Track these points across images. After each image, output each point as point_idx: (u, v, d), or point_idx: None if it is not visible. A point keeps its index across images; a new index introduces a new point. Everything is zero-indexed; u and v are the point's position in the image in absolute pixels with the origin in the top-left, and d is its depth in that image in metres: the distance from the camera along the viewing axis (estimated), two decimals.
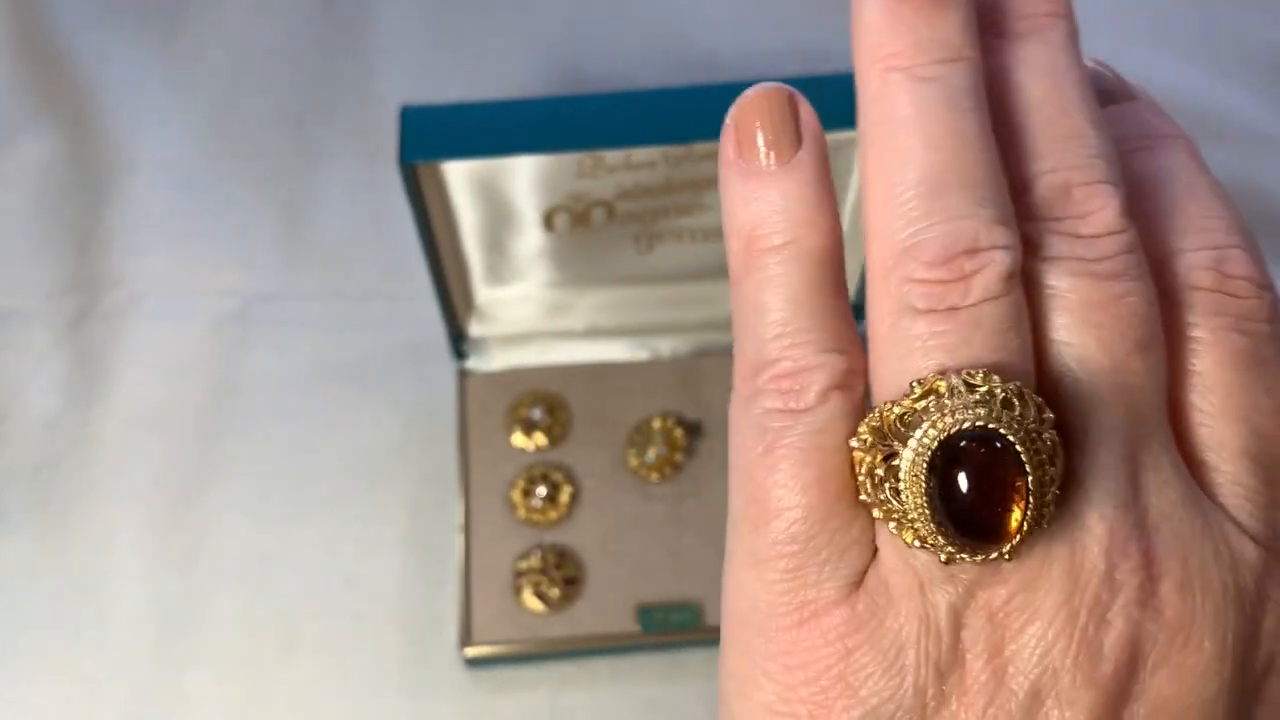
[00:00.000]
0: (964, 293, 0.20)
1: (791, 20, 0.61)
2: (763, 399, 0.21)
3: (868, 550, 0.21)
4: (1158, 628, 0.20)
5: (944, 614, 0.20)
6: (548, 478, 0.46)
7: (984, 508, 0.19)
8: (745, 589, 0.22)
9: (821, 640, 0.21)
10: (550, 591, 0.44)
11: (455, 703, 0.43)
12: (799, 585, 0.21)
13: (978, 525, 0.19)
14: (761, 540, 0.21)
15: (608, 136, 0.40)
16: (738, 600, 0.22)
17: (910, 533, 0.20)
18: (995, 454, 0.19)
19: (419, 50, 0.60)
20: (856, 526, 0.21)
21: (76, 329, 0.52)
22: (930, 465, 0.20)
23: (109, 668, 0.44)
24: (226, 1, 0.62)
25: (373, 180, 0.56)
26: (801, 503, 0.21)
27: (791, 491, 0.21)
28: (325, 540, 0.46)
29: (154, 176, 0.56)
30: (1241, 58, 0.59)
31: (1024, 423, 0.19)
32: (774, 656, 0.21)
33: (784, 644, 0.21)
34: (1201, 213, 0.22)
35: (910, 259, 0.20)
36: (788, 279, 0.22)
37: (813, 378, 0.21)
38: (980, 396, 0.20)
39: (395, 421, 0.49)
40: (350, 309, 0.52)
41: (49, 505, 0.47)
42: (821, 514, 0.21)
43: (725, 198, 0.23)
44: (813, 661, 0.21)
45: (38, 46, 0.60)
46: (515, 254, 0.47)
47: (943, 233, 0.20)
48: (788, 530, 0.21)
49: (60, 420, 0.49)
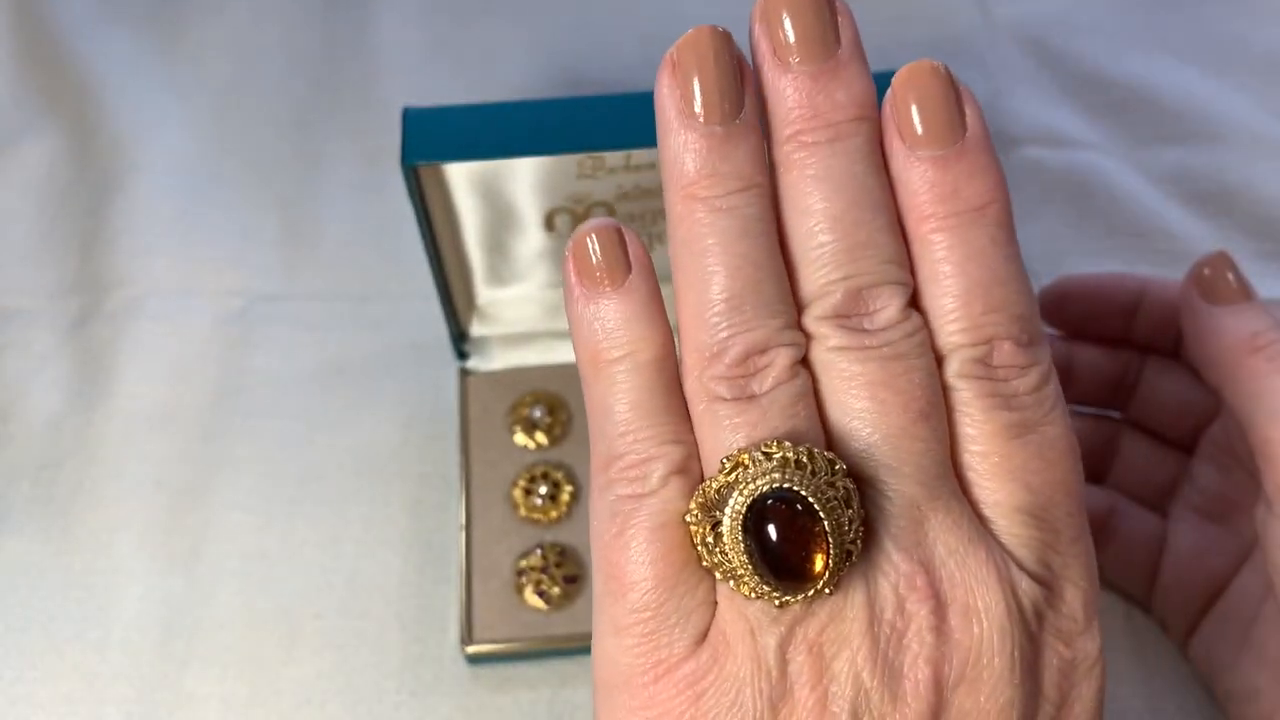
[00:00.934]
0: (760, 382, 0.25)
1: None
2: (614, 487, 0.25)
3: (710, 609, 0.25)
4: (950, 649, 0.24)
5: (772, 653, 0.24)
6: (549, 477, 0.46)
7: (792, 553, 0.23)
8: (608, 655, 0.25)
9: (674, 690, 0.24)
10: (551, 589, 0.44)
11: (456, 700, 0.43)
12: (653, 647, 0.25)
13: (790, 569, 0.23)
14: (620, 610, 0.25)
15: (608, 138, 0.40)
16: (603, 666, 0.26)
17: (745, 586, 0.24)
18: (793, 509, 0.23)
19: (421, 52, 0.61)
20: (701, 590, 0.25)
21: (79, 329, 0.52)
22: (745, 526, 0.23)
23: (111, 666, 0.44)
24: (229, 4, 0.62)
25: (374, 181, 0.56)
26: (650, 575, 0.25)
27: (642, 565, 0.25)
28: (327, 539, 0.46)
29: (157, 178, 0.56)
30: (1240, 59, 0.59)
31: (815, 478, 0.23)
32: (636, 711, 0.25)
33: (644, 699, 0.25)
34: (983, 306, 0.25)
35: (717, 362, 0.25)
36: (628, 386, 0.26)
37: (654, 466, 0.25)
38: (776, 462, 0.23)
39: (397, 421, 0.49)
40: (352, 309, 0.52)
41: (52, 505, 0.47)
42: (669, 583, 0.25)
43: (570, 318, 0.27)
44: (669, 711, 0.24)
45: (41, 48, 0.60)
46: (516, 255, 0.47)
47: (742, 341, 0.25)
48: (641, 600, 0.25)
49: (63, 420, 0.49)
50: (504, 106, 0.40)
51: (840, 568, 0.23)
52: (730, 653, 0.24)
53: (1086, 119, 0.57)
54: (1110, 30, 0.61)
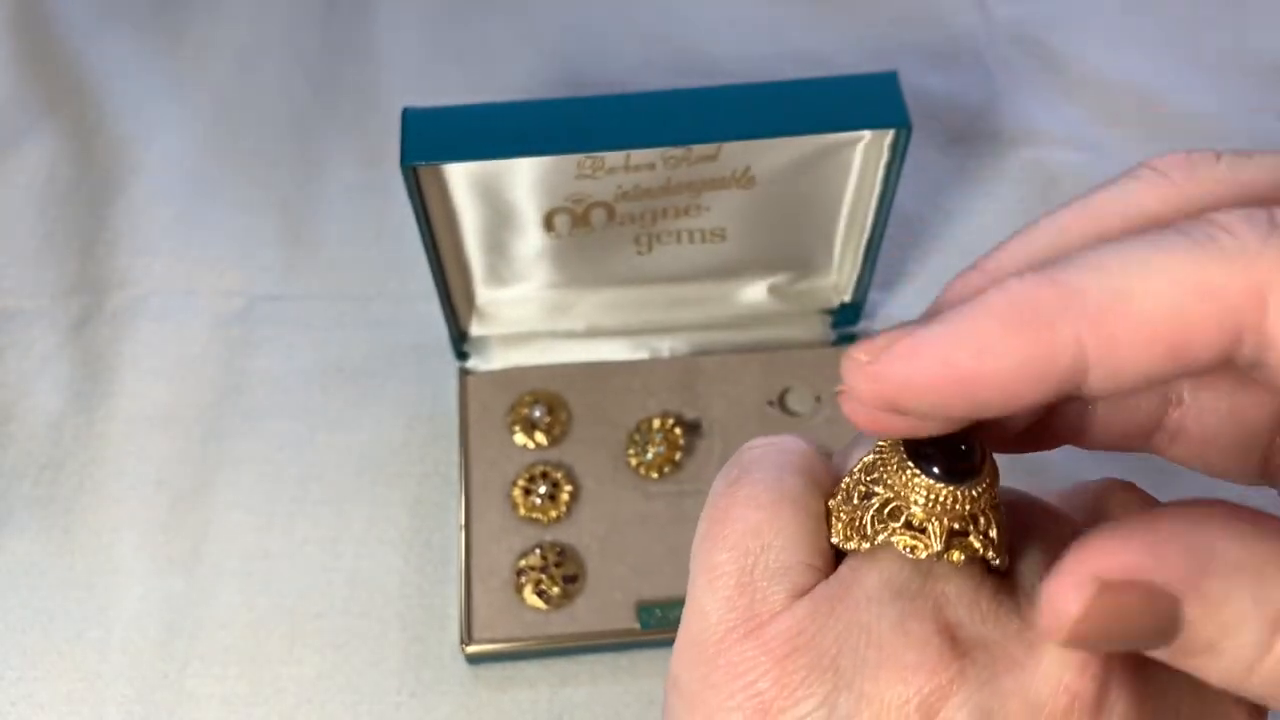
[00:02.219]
0: None
1: (789, 24, 0.61)
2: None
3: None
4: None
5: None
6: (548, 476, 0.47)
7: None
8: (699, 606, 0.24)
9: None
10: (551, 589, 0.44)
11: (456, 699, 0.43)
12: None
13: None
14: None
15: (607, 138, 0.40)
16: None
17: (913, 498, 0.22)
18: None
19: (420, 53, 0.61)
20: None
21: (81, 329, 0.52)
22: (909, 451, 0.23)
23: (112, 665, 0.44)
24: (230, 5, 0.62)
25: (374, 182, 0.56)
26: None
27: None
28: (327, 538, 0.47)
29: (158, 178, 0.56)
30: (1239, 60, 0.59)
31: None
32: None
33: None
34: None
35: None
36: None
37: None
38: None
39: (397, 421, 0.49)
40: (352, 309, 0.53)
41: (53, 505, 0.47)
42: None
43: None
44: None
45: (43, 49, 0.60)
46: (516, 255, 0.47)
47: None
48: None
49: (65, 420, 0.49)
50: (503, 107, 0.40)
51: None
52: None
53: (1086, 119, 0.57)
54: (1110, 31, 0.61)
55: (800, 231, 0.47)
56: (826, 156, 0.43)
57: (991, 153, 0.57)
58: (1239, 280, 0.17)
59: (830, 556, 0.24)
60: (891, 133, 0.41)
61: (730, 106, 0.40)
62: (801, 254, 0.48)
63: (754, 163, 0.43)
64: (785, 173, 0.43)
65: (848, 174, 0.44)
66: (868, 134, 0.42)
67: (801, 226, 0.47)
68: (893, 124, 0.40)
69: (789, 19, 0.61)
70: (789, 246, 0.48)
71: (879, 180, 0.43)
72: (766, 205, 0.45)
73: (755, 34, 0.61)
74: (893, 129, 0.41)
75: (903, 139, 0.41)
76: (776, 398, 0.49)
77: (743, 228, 0.46)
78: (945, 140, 0.57)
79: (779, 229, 0.47)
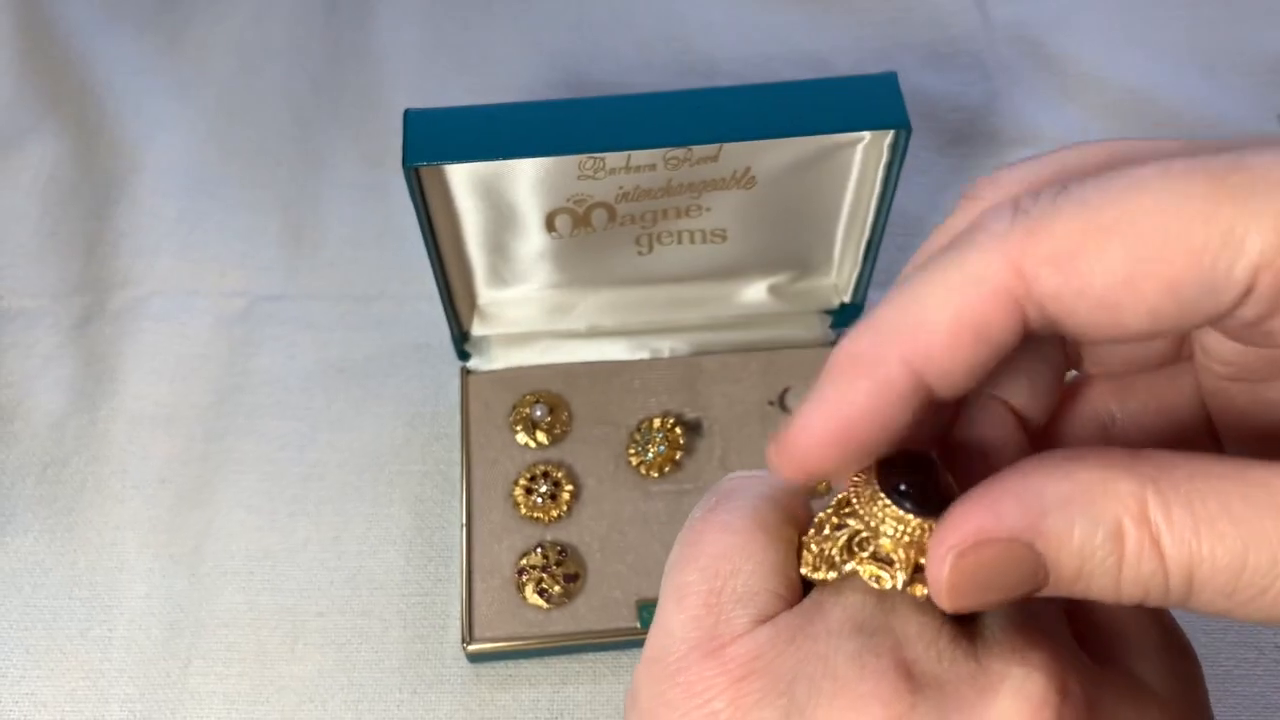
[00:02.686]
0: None
1: (788, 25, 0.61)
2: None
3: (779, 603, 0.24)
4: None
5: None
6: (549, 475, 0.47)
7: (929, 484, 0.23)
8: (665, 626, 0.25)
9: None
10: (552, 588, 0.44)
11: (458, 697, 0.43)
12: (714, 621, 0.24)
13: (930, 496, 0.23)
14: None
15: (608, 139, 0.40)
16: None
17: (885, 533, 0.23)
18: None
19: (422, 55, 0.61)
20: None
21: (83, 329, 0.52)
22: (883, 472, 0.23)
23: (115, 663, 0.44)
24: (232, 6, 0.63)
25: (376, 183, 0.56)
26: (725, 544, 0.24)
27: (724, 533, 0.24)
28: (329, 537, 0.47)
29: (160, 179, 0.56)
30: (1238, 59, 0.59)
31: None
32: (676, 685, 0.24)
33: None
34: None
35: None
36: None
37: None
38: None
39: (399, 420, 0.49)
40: (354, 309, 0.53)
41: (56, 503, 0.48)
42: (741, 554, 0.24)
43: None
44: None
45: (45, 50, 0.60)
46: (517, 255, 0.47)
47: None
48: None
49: (67, 419, 0.50)
50: (505, 108, 0.41)
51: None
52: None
53: (1085, 119, 0.58)
54: (1109, 30, 0.61)
55: (800, 232, 0.47)
56: (826, 157, 0.43)
57: (991, 153, 0.57)
58: (997, 262, 0.20)
59: (798, 588, 0.25)
60: (891, 133, 0.41)
61: (731, 107, 0.41)
62: (802, 254, 0.49)
63: (754, 163, 0.43)
64: (785, 173, 0.43)
65: (848, 175, 0.44)
66: (868, 135, 0.42)
67: (802, 227, 0.47)
68: (892, 125, 0.40)
69: (789, 20, 0.61)
70: (789, 247, 0.48)
71: (879, 181, 0.43)
72: (767, 206, 0.45)
73: (755, 35, 0.61)
74: (892, 130, 0.41)
75: (902, 140, 0.41)
76: (777, 397, 0.49)
77: (743, 228, 0.46)
78: (944, 141, 0.57)
79: (779, 229, 0.47)
